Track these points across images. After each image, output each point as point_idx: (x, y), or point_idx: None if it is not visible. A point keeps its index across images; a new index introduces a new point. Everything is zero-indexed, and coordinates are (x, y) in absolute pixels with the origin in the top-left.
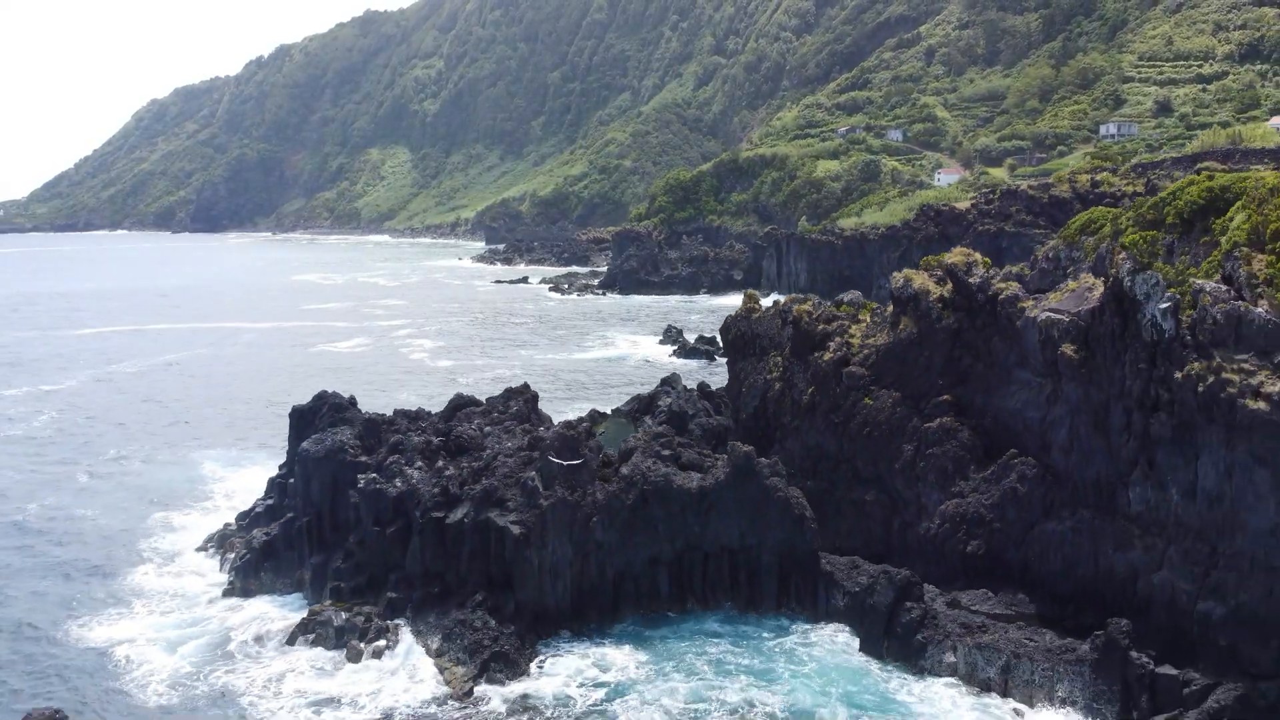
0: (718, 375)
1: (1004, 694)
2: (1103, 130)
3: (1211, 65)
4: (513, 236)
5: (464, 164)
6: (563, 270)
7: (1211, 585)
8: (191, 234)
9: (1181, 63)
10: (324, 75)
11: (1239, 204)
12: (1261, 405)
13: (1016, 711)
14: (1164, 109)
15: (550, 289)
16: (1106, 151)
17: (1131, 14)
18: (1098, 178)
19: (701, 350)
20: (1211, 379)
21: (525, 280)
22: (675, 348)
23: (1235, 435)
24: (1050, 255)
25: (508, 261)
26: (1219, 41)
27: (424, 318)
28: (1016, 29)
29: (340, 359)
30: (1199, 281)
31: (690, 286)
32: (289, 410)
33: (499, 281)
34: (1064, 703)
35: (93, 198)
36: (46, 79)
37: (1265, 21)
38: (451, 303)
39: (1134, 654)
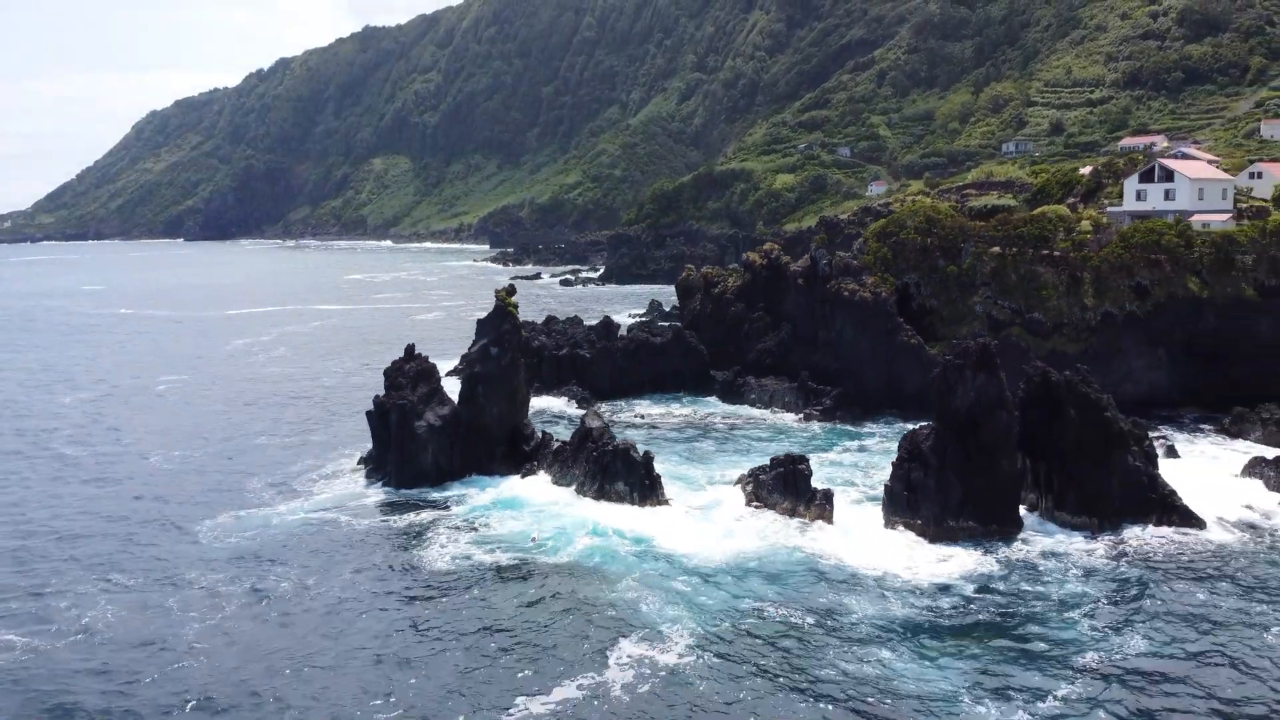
0: None
1: (767, 406)
2: (1004, 148)
3: (1100, 91)
4: (516, 240)
5: (463, 173)
6: (566, 268)
7: (837, 359)
8: (203, 242)
9: (1077, 89)
10: (325, 89)
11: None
12: (847, 294)
13: (771, 411)
14: (1056, 129)
15: (560, 282)
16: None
17: (1044, 45)
18: (919, 198)
19: (675, 317)
20: (837, 288)
21: (538, 276)
22: (656, 315)
23: (842, 308)
24: (859, 246)
25: (517, 261)
26: (1109, 70)
27: (471, 300)
28: (953, 55)
29: (432, 322)
30: (840, 252)
31: (671, 277)
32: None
33: (516, 278)
34: (786, 405)
35: (100, 208)
36: (44, 88)
37: (1146, 53)
38: (485, 289)
39: (810, 383)
